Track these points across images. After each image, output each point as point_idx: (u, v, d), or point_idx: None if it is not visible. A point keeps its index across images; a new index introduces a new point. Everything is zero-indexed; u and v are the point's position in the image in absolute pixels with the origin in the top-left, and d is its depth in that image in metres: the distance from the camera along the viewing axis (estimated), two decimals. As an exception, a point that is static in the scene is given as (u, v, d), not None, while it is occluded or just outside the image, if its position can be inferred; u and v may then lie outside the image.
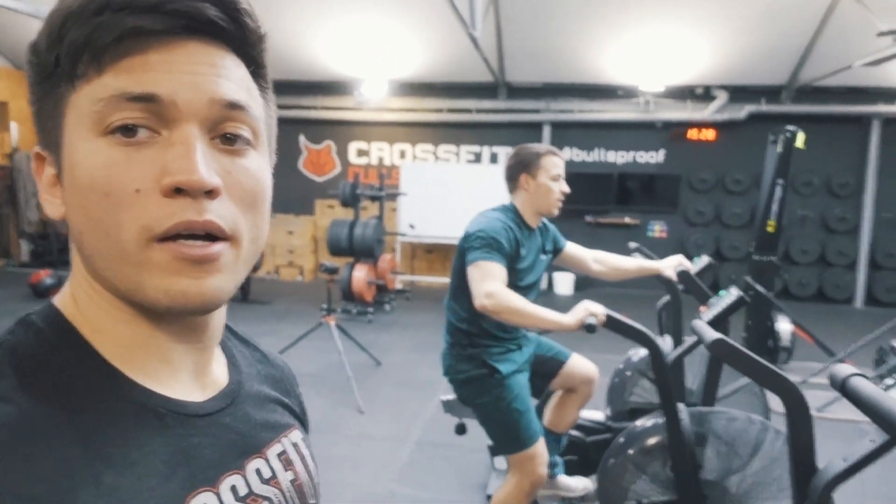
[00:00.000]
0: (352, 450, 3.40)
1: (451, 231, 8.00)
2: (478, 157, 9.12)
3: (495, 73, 8.24)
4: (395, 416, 3.90)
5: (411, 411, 3.97)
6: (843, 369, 1.05)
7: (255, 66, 0.51)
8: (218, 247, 0.45)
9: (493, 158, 9.06)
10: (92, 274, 0.47)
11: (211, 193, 0.44)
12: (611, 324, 1.82)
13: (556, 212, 2.22)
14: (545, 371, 2.44)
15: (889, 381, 3.49)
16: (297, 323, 4.84)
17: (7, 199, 8.65)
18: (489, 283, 1.95)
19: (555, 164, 2.20)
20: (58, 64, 0.44)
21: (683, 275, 2.38)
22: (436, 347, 2.36)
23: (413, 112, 8.93)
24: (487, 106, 8.75)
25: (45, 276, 6.73)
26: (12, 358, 0.44)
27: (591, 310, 1.83)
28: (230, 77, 0.47)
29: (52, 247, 8.84)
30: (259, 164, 0.49)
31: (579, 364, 2.48)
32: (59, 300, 0.50)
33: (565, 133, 8.71)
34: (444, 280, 8.48)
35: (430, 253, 8.81)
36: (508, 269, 2.10)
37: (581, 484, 2.59)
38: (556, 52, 7.82)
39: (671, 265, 2.47)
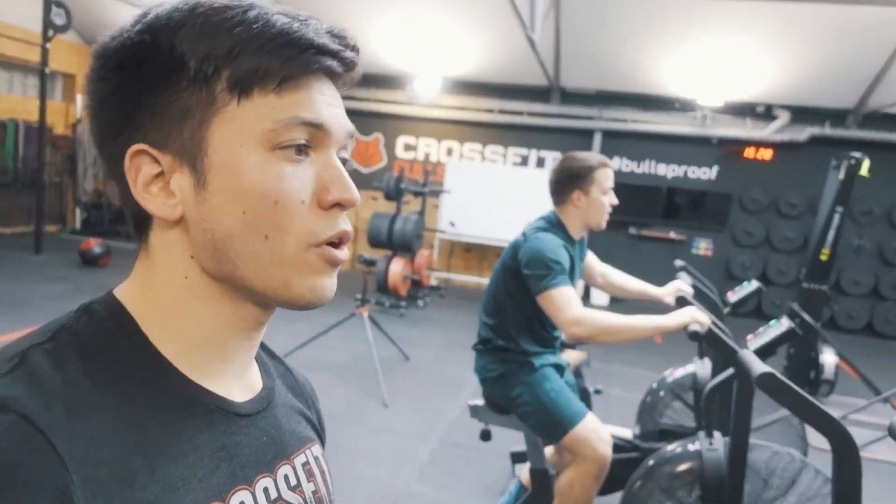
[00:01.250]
0: (373, 443, 3.39)
1: (491, 232, 7.96)
2: (525, 161, 9.03)
3: (550, 76, 8.14)
4: (419, 413, 3.89)
5: (436, 409, 3.95)
6: (902, 417, 0.98)
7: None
8: (346, 251, 0.53)
9: (540, 163, 8.96)
10: (215, 271, 0.50)
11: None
12: (710, 337, 1.77)
13: (604, 225, 2.16)
14: None
15: None
16: (331, 311, 4.88)
17: (67, 169, 8.96)
18: (569, 310, 1.89)
19: (607, 177, 2.13)
20: (214, 75, 0.47)
21: (681, 301, 2.28)
22: (466, 347, 2.34)
23: (463, 110, 8.89)
24: (539, 109, 8.65)
25: (95, 244, 6.94)
26: (76, 342, 0.47)
27: (697, 317, 1.77)
28: (343, 109, 0.55)
29: (104, 216, 9.12)
30: None
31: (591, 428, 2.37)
32: (123, 294, 0.52)
33: (616, 142, 8.54)
34: (480, 280, 8.44)
35: (467, 252, 8.77)
36: None
37: None
38: (614, 59, 7.68)
39: (670, 292, 2.36)
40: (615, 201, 2.15)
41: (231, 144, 0.48)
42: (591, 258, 2.47)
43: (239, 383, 0.56)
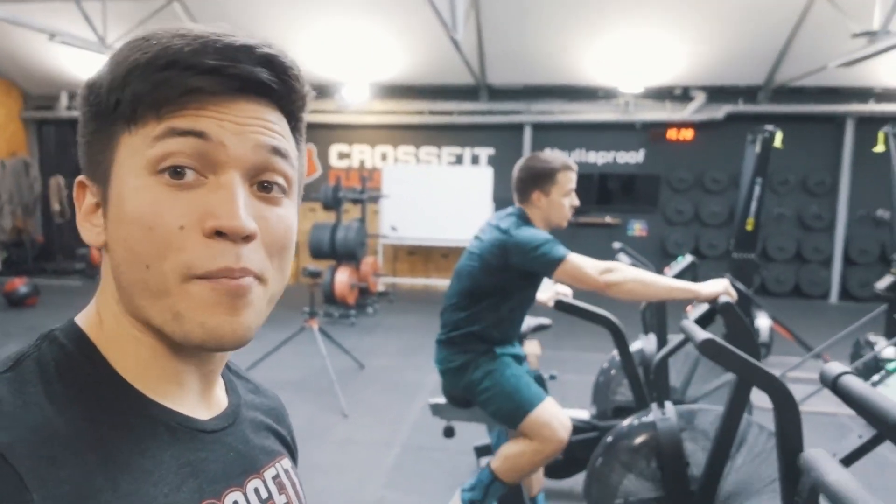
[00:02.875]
0: (338, 456, 3.37)
1: (433, 232, 8.00)
2: (459, 159, 9.12)
3: (476, 75, 8.26)
4: (380, 420, 3.88)
5: (396, 415, 3.95)
6: (833, 368, 1.06)
7: (296, 122, 0.55)
8: (249, 279, 0.48)
9: (475, 160, 9.08)
10: (125, 305, 0.50)
11: (247, 238, 0.48)
12: (728, 308, 1.82)
13: (565, 224, 2.22)
14: None
15: (875, 377, 3.56)
16: (279, 328, 4.80)
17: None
18: (590, 265, 1.94)
19: (569, 179, 2.17)
20: (117, 106, 0.48)
21: (560, 304, 2.37)
22: (420, 350, 2.36)
23: (394, 114, 8.91)
24: (469, 108, 8.76)
25: (20, 284, 6.59)
26: (38, 369, 0.47)
27: (730, 290, 1.83)
28: (273, 129, 0.51)
29: (27, 255, 8.66)
30: (290, 213, 0.53)
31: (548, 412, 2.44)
32: (83, 319, 0.52)
33: (546, 134, 8.75)
34: (427, 282, 8.47)
35: (412, 255, 8.79)
36: (531, 277, 2.10)
37: None
38: (537, 54, 7.86)
39: (549, 296, 2.42)
40: (576, 203, 2.21)
41: (121, 172, 0.48)
42: None
43: (203, 403, 0.55)
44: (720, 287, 1.86)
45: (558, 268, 1.97)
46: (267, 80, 0.49)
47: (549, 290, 2.44)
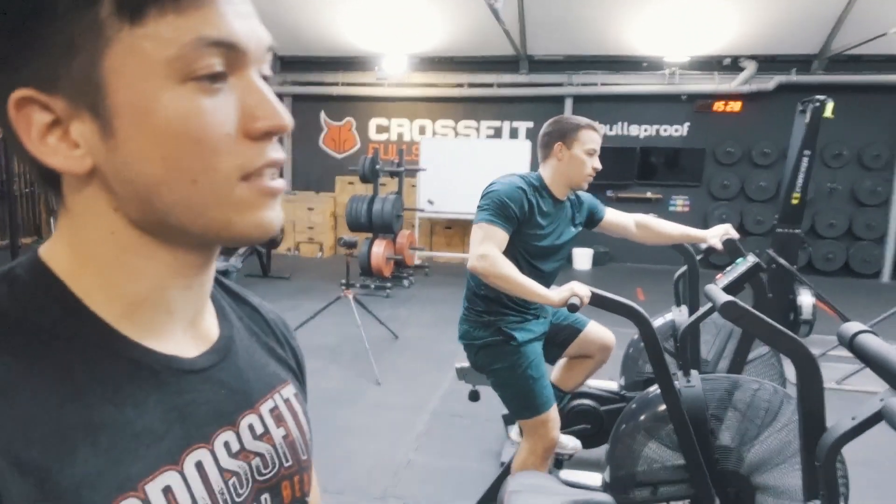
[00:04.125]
0: (369, 420, 3.45)
1: (470, 207, 7.93)
2: (498, 133, 9.03)
3: (517, 46, 8.12)
4: (411, 388, 3.94)
5: (428, 383, 4.01)
6: (851, 326, 1.03)
7: None
8: (280, 182, 0.49)
9: (514, 133, 8.97)
10: (144, 223, 0.46)
11: None
12: (596, 301, 1.83)
13: (585, 186, 2.21)
14: (561, 339, 2.46)
15: None
16: (317, 297, 4.89)
17: (36, 178, 8.83)
18: (486, 245, 1.97)
19: (592, 139, 2.17)
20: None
21: (729, 244, 2.34)
22: (453, 322, 2.37)
23: (433, 87, 8.86)
24: (508, 80, 8.64)
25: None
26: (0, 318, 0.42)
27: (577, 291, 1.83)
28: (255, 17, 0.47)
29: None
30: None
31: (597, 331, 2.51)
32: (49, 255, 0.47)
33: (588, 106, 8.57)
34: (463, 256, 8.48)
35: (448, 229, 8.80)
36: (521, 237, 2.09)
37: (571, 443, 2.59)
38: (579, 23, 7.67)
39: (717, 234, 2.41)
40: (598, 166, 2.19)
41: (134, 81, 0.41)
42: (613, 214, 2.49)
43: (190, 335, 0.52)
44: (566, 293, 1.83)
45: (475, 224, 2.04)
46: None
47: (717, 229, 2.42)
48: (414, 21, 7.85)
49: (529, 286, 1.93)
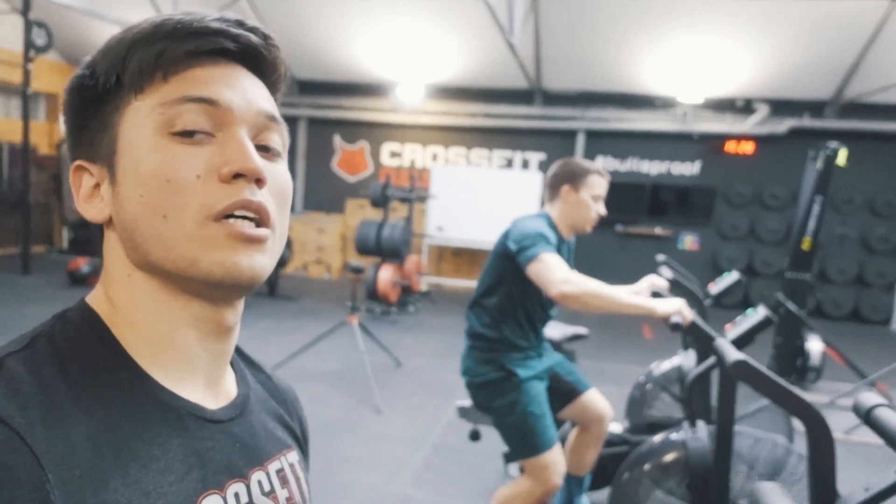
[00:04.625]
0: (368, 450, 3.41)
1: (479, 235, 8.00)
2: (510, 163, 9.09)
3: (531, 79, 8.21)
4: (412, 419, 3.91)
5: (429, 414, 3.97)
6: (869, 399, 1.02)
7: (274, 97, 0.59)
8: (265, 230, 0.51)
9: (525, 164, 9.03)
10: (140, 264, 0.52)
11: (260, 182, 0.51)
12: (692, 328, 1.80)
13: (589, 230, 2.22)
14: (561, 393, 2.38)
15: None
16: (322, 320, 4.89)
17: (53, 188, 8.92)
18: (560, 270, 1.94)
19: (599, 184, 2.19)
20: (118, 82, 0.51)
21: (655, 296, 2.31)
22: (458, 351, 2.36)
23: (448, 116, 8.95)
24: (522, 112, 8.72)
25: (83, 263, 6.92)
26: (52, 348, 0.48)
27: (682, 309, 1.81)
28: (266, 96, 0.55)
29: (93, 235, 9.09)
30: (286, 171, 0.57)
31: (596, 399, 2.42)
32: (93, 300, 0.54)
33: (599, 141, 8.63)
34: (470, 284, 8.46)
35: (457, 256, 8.80)
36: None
37: None
38: (594, 60, 7.76)
39: (643, 288, 2.38)
40: (603, 211, 2.21)
41: (133, 139, 0.50)
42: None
43: (211, 391, 0.56)
44: (672, 308, 1.82)
45: (531, 263, 1.98)
46: (258, 45, 0.54)
47: (643, 282, 2.42)
48: (431, 51, 7.97)
49: (628, 298, 1.89)
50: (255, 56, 0.55)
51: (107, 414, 0.46)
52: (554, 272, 1.93)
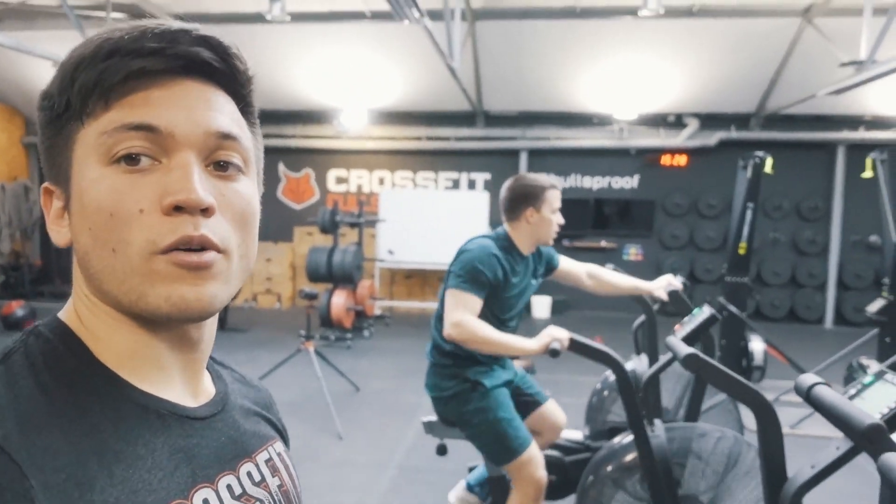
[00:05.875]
0: (333, 477, 3.36)
1: (430, 256, 8.05)
2: (456, 184, 9.21)
3: (473, 102, 8.39)
4: (375, 442, 3.88)
5: (392, 437, 3.95)
6: (808, 378, 1.10)
7: (244, 104, 0.57)
8: (210, 255, 0.49)
9: (472, 185, 9.17)
10: (94, 291, 0.51)
11: (206, 212, 0.49)
12: (575, 347, 1.88)
13: (551, 242, 2.29)
14: (522, 405, 2.42)
15: (852, 390, 3.57)
16: (276, 350, 4.81)
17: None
18: (459, 312, 2.00)
19: (557, 198, 2.28)
20: (69, 106, 0.49)
21: (673, 294, 2.44)
22: (416, 373, 2.38)
23: (392, 140, 9.03)
24: (465, 134, 8.88)
25: (17, 307, 6.61)
26: (26, 362, 0.48)
27: (556, 335, 1.88)
28: (222, 111, 0.52)
29: (25, 278, 8.68)
30: (249, 189, 0.55)
31: (553, 411, 2.51)
32: (64, 314, 0.54)
33: (542, 160, 8.86)
34: (423, 305, 8.49)
35: (409, 278, 8.82)
36: (495, 298, 2.14)
37: None
38: (533, 81, 8.00)
39: (661, 285, 2.53)
40: (562, 221, 2.29)
41: (81, 167, 0.49)
42: (567, 263, 2.57)
43: (189, 391, 0.56)
44: (545, 339, 1.90)
45: (448, 290, 2.08)
46: (209, 59, 0.51)
47: (661, 280, 2.52)
48: (373, 76, 8.04)
49: (509, 342, 1.96)
50: (208, 68, 0.52)
51: (86, 420, 0.46)
52: (453, 311, 2.01)
